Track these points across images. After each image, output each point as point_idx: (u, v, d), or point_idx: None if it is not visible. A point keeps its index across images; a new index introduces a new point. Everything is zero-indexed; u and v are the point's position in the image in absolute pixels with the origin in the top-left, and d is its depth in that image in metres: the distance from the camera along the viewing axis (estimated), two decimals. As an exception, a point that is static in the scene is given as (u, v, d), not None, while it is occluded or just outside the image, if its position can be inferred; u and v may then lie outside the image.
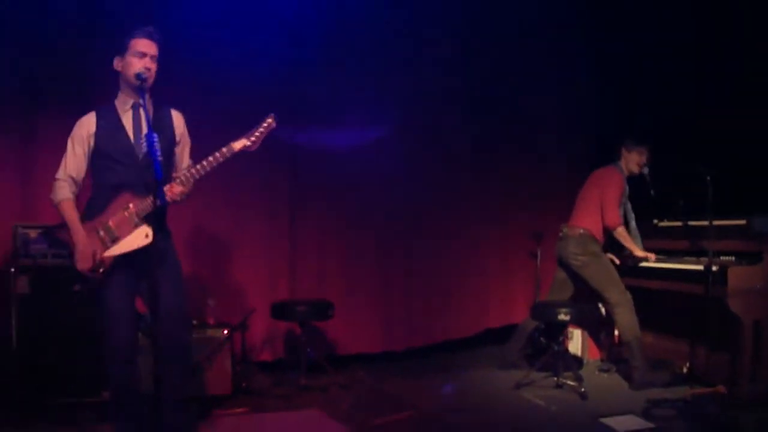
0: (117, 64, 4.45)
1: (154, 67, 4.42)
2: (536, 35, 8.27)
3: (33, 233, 5.64)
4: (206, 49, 6.73)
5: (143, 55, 4.37)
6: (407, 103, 7.71)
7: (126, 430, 4.48)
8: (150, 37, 4.41)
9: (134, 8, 6.26)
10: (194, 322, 6.12)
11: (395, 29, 7.69)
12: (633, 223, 6.87)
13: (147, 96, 4.41)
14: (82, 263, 4.31)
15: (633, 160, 6.81)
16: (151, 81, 4.41)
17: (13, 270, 5.57)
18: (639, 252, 6.63)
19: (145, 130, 4.33)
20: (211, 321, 6.24)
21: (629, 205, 6.87)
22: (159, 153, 4.11)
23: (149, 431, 4.41)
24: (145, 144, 4.31)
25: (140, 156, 4.42)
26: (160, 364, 4.04)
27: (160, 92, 4.64)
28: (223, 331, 6.05)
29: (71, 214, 4.41)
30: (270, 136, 4.62)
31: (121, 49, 4.37)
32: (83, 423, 5.22)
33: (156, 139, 4.10)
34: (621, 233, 6.62)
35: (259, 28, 7.03)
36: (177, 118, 4.69)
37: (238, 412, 5.67)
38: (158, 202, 4.09)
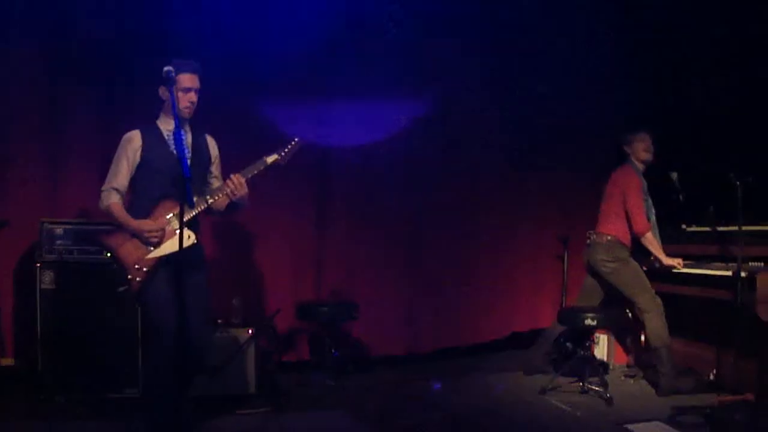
0: (162, 93, 4.69)
1: (196, 99, 4.69)
2: (567, 39, 8.21)
3: (59, 229, 5.72)
4: (235, 56, 6.79)
5: (188, 90, 4.65)
6: (438, 104, 7.70)
7: (160, 426, 4.53)
8: (195, 71, 4.67)
9: (161, 18, 6.38)
10: (219, 321, 6.15)
11: (427, 30, 7.67)
12: (653, 218, 6.78)
13: (187, 123, 4.77)
14: (151, 239, 4.51)
15: (639, 151, 6.77)
16: (192, 111, 4.71)
17: (38, 265, 5.64)
18: (667, 260, 6.55)
19: (189, 152, 4.68)
20: (237, 321, 6.25)
21: (650, 201, 6.77)
22: (188, 151, 4.52)
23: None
24: (173, 141, 4.57)
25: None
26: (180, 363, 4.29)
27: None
28: (248, 331, 6.07)
29: (122, 213, 4.61)
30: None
31: (167, 82, 4.42)
32: (105, 418, 5.24)
33: (183, 136, 4.42)
34: (649, 240, 6.55)
35: (289, 32, 7.06)
36: (211, 143, 5.03)
37: (262, 411, 5.67)
38: (187, 203, 4.19)
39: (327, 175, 7.39)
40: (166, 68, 4.22)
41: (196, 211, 4.56)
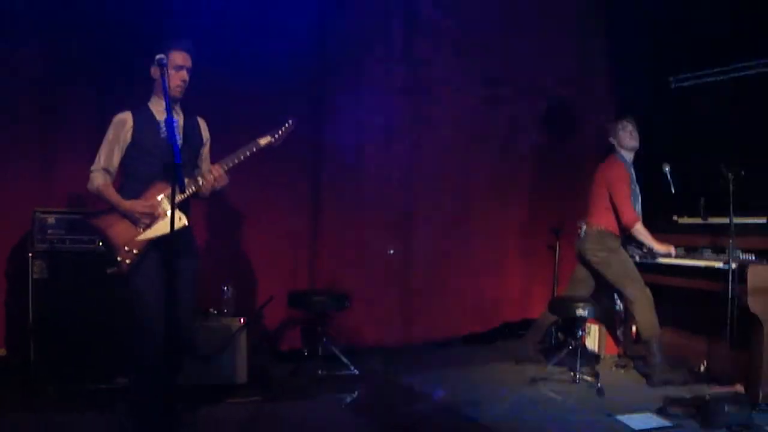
0: (153, 72, 4.62)
1: (188, 78, 4.64)
2: (562, 29, 8.24)
3: (51, 218, 5.70)
4: (227, 49, 6.77)
5: (181, 68, 4.60)
6: (428, 96, 7.72)
7: (148, 413, 4.50)
8: (187, 50, 4.63)
9: (154, 8, 6.35)
10: (211, 310, 6.14)
11: (415, 22, 7.70)
12: (638, 207, 6.78)
13: (178, 104, 4.69)
14: (144, 217, 4.49)
15: (624, 139, 6.77)
16: (183, 90, 4.64)
17: (30, 254, 5.63)
18: (659, 246, 6.57)
19: (180, 136, 4.59)
20: (228, 310, 6.24)
21: (637, 190, 6.77)
22: (179, 137, 4.44)
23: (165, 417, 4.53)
24: (164, 128, 4.54)
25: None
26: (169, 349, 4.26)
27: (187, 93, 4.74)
28: (239, 320, 6.06)
29: (112, 193, 4.58)
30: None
31: (159, 58, 4.41)
32: (97, 408, 5.21)
33: (176, 123, 4.38)
34: (639, 230, 6.56)
35: (280, 27, 7.06)
36: (203, 124, 4.96)
37: (253, 401, 5.67)
38: (179, 188, 4.16)
39: (320, 165, 7.39)
40: (158, 56, 4.19)
41: (187, 195, 4.50)
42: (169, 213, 4.38)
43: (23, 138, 6.16)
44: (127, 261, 4.44)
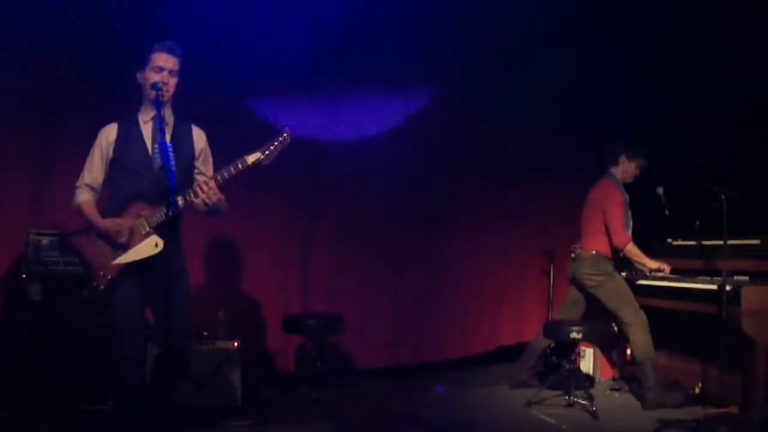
0: (139, 77, 4.56)
1: (172, 81, 4.51)
2: (553, 48, 8.24)
3: (45, 240, 5.65)
4: (224, 51, 6.76)
5: (161, 69, 4.46)
6: (422, 118, 7.73)
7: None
8: (169, 51, 4.50)
9: (153, 15, 6.33)
10: (205, 333, 6.12)
11: (414, 32, 7.70)
12: (629, 231, 6.78)
13: (168, 109, 4.53)
14: (117, 238, 4.37)
15: (630, 170, 6.81)
16: (168, 94, 4.49)
17: (24, 276, 5.59)
18: (651, 263, 6.57)
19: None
20: (222, 333, 6.21)
21: (629, 214, 6.77)
22: (173, 162, 4.17)
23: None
24: (158, 154, 4.30)
25: (156, 167, 4.45)
26: (159, 374, 4.27)
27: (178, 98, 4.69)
28: (233, 343, 6.04)
29: (91, 211, 4.50)
30: (285, 149, 4.62)
31: (143, 63, 4.43)
32: (90, 430, 5.21)
33: (170, 148, 4.17)
34: (631, 250, 6.57)
35: (279, 28, 7.06)
36: (197, 134, 4.78)
37: (246, 424, 5.65)
38: (171, 212, 4.13)
39: (313, 190, 7.38)
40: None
41: (169, 215, 4.27)
42: (147, 235, 4.36)
43: (15, 156, 6.10)
44: (102, 286, 4.36)
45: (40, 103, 6.20)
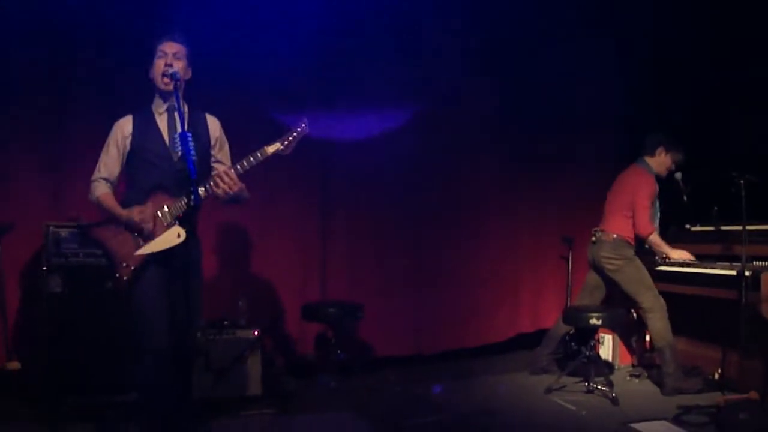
0: (150, 72, 4.58)
1: (179, 64, 4.51)
2: (568, 35, 8.20)
3: (64, 232, 5.68)
4: (233, 48, 6.78)
5: (165, 54, 4.49)
6: (438, 104, 7.73)
7: (152, 430, 4.50)
8: (171, 39, 4.53)
9: (160, 11, 6.37)
10: (225, 323, 6.14)
11: (426, 23, 7.70)
12: (656, 223, 6.77)
13: (181, 100, 4.50)
14: (141, 228, 4.39)
15: (665, 163, 6.76)
16: (180, 77, 4.46)
17: (44, 269, 5.62)
18: (674, 253, 6.56)
19: (179, 129, 4.35)
20: (242, 322, 6.24)
21: (657, 204, 6.77)
22: (193, 152, 4.16)
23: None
24: (179, 143, 4.31)
25: (175, 158, 4.49)
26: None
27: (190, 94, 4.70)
28: (253, 332, 6.07)
29: (112, 203, 4.51)
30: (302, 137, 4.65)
31: (151, 58, 4.46)
32: (111, 422, 5.25)
33: (190, 137, 4.17)
34: (654, 240, 6.57)
35: (286, 24, 7.08)
36: (212, 122, 4.80)
37: (267, 413, 5.68)
38: (192, 202, 4.15)
39: (330, 177, 7.38)
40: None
41: (191, 206, 4.29)
42: (170, 226, 4.38)
43: (34, 150, 6.18)
44: (125, 277, 4.38)
45: (56, 98, 6.25)
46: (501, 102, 8.12)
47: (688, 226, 7.05)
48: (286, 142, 4.53)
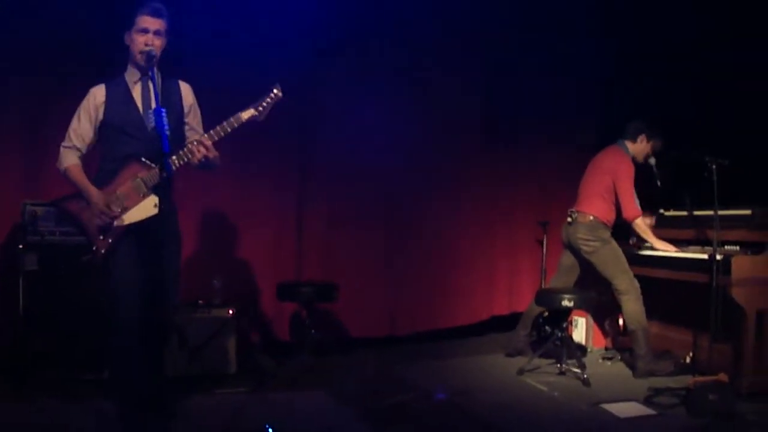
0: (127, 39, 4.53)
1: (158, 42, 4.46)
2: (545, 24, 8.22)
3: (41, 210, 5.68)
4: (218, 39, 6.76)
5: (146, 31, 4.43)
6: (417, 92, 7.74)
7: (126, 405, 4.51)
8: (154, 13, 4.46)
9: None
10: (200, 301, 6.16)
11: (406, 18, 7.69)
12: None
13: (155, 69, 4.45)
14: (100, 218, 4.37)
15: (645, 150, 6.77)
16: (156, 54, 4.43)
17: (21, 246, 5.62)
18: (658, 243, 6.60)
19: (153, 102, 4.37)
20: (217, 301, 6.26)
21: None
22: (167, 127, 4.15)
23: (148, 407, 4.50)
24: (153, 117, 4.32)
25: (149, 128, 4.48)
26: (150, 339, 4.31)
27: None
28: (228, 311, 6.09)
29: (80, 177, 4.49)
30: (279, 113, 4.65)
31: (129, 25, 4.43)
32: (86, 398, 5.23)
33: (164, 113, 4.15)
34: (639, 225, 6.59)
35: (273, 17, 7.07)
36: (185, 89, 4.77)
37: (242, 391, 5.70)
38: (165, 174, 4.15)
39: (308, 157, 7.38)
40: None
41: (166, 176, 4.30)
42: (145, 196, 4.38)
43: (10, 128, 6.15)
44: (103, 249, 4.38)
45: (32, 74, 6.20)
46: (477, 88, 8.14)
47: (661, 211, 7.09)
48: (260, 108, 4.51)
